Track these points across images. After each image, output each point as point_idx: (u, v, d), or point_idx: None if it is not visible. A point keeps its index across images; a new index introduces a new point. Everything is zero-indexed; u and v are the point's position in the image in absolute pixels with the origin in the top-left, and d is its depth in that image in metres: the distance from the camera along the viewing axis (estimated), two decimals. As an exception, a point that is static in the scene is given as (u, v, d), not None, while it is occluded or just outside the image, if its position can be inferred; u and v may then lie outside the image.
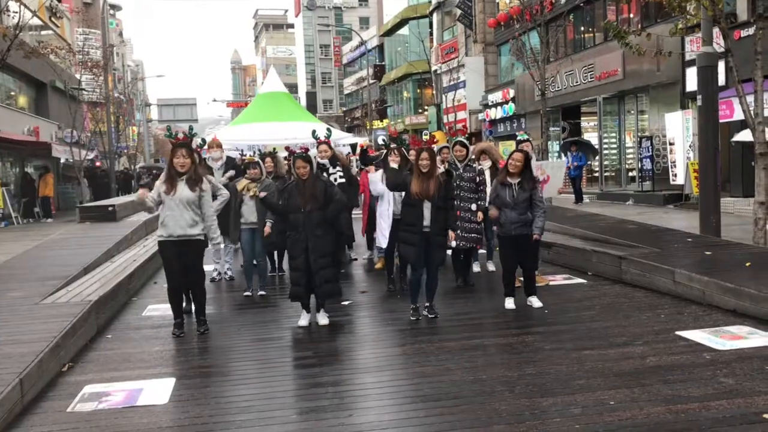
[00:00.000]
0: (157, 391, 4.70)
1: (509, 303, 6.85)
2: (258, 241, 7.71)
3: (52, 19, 27.77)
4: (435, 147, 6.88)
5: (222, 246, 8.97)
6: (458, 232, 7.55)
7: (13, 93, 23.85)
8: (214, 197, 6.52)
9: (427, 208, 6.30)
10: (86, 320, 6.12)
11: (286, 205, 6.36)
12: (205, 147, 8.95)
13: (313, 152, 7.53)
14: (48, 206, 20.44)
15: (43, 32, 26.02)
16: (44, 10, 25.17)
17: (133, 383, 4.88)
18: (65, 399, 4.62)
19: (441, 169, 6.67)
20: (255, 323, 6.79)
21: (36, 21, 20.88)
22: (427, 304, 6.56)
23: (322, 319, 6.43)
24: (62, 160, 24.65)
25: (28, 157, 23.84)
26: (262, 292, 7.92)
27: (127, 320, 7.02)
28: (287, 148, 8.20)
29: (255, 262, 7.92)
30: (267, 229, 7.21)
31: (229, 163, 8.97)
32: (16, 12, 12.41)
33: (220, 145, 9.05)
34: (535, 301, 6.82)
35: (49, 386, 4.88)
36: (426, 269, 6.47)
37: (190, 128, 6.87)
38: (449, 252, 7.41)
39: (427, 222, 6.31)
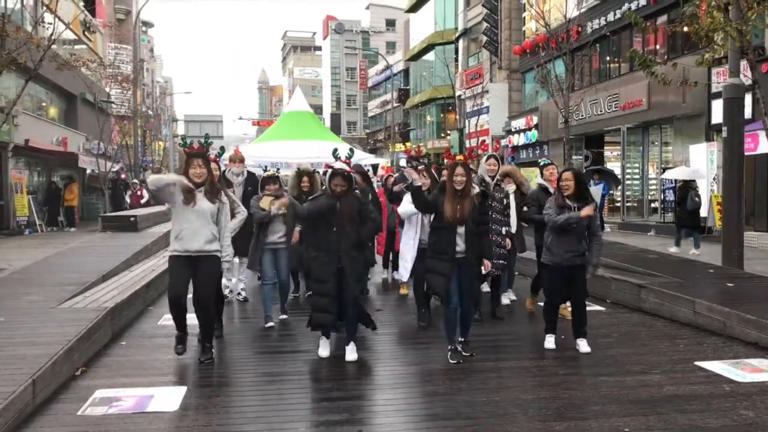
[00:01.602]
0: (168, 398, 4.70)
1: (549, 342, 6.09)
2: (282, 262, 7.11)
3: (86, 33, 28.43)
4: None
5: (237, 261, 8.88)
6: None
7: (44, 104, 24.34)
8: (232, 214, 6.09)
9: (460, 233, 5.60)
10: (101, 326, 6.16)
11: (315, 210, 5.65)
12: (224, 158, 8.56)
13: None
14: (72, 215, 20.78)
15: (76, 46, 26.59)
16: (78, 23, 25.78)
17: (144, 390, 4.89)
18: (76, 402, 4.63)
19: (476, 189, 5.91)
20: (268, 337, 6.77)
21: (69, 35, 21.37)
22: (461, 339, 5.83)
23: (351, 354, 5.74)
24: (88, 171, 25.06)
25: (56, 167, 24.29)
26: (284, 316, 7.33)
27: (142, 328, 7.06)
28: (327, 166, 7.70)
29: (275, 282, 7.14)
30: (296, 235, 6.78)
31: (251, 179, 8.53)
32: (51, 23, 12.70)
33: (242, 160, 8.57)
34: (583, 346, 5.96)
35: (61, 389, 4.89)
36: (460, 302, 5.69)
37: (206, 136, 6.46)
38: None
39: (460, 248, 5.60)
